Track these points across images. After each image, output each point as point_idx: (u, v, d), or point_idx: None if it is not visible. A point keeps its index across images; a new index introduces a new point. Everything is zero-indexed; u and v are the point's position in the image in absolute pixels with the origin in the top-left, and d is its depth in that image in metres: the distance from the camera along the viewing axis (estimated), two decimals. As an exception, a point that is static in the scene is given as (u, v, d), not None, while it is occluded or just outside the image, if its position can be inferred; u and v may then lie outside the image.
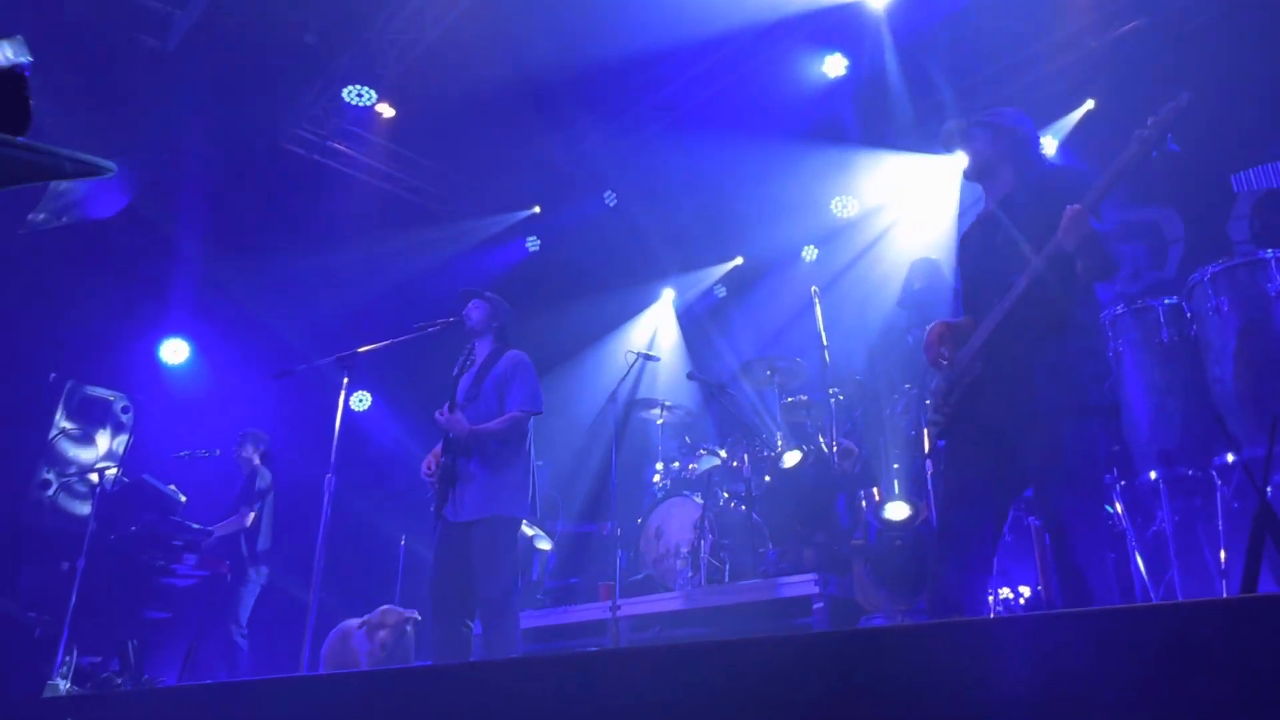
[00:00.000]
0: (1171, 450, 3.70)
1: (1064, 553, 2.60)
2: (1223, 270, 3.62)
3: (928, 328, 3.09)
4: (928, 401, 3.20)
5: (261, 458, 6.70)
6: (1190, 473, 3.65)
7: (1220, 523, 3.45)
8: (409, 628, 4.45)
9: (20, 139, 0.92)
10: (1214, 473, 3.57)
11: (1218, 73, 5.62)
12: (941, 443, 3.06)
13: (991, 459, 2.79)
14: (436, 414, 4.15)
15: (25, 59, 0.92)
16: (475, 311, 4.46)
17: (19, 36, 0.93)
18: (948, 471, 2.94)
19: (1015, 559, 4.37)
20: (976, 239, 3.12)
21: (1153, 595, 3.68)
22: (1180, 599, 3.50)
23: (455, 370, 4.42)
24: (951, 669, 1.21)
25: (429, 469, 4.23)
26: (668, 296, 9.26)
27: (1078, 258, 2.63)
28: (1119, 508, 3.88)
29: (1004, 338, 2.77)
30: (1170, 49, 6.04)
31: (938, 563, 2.79)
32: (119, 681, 5.55)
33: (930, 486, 4.47)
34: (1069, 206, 2.60)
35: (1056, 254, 2.65)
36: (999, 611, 4.10)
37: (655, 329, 9.23)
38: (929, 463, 4.53)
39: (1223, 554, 3.41)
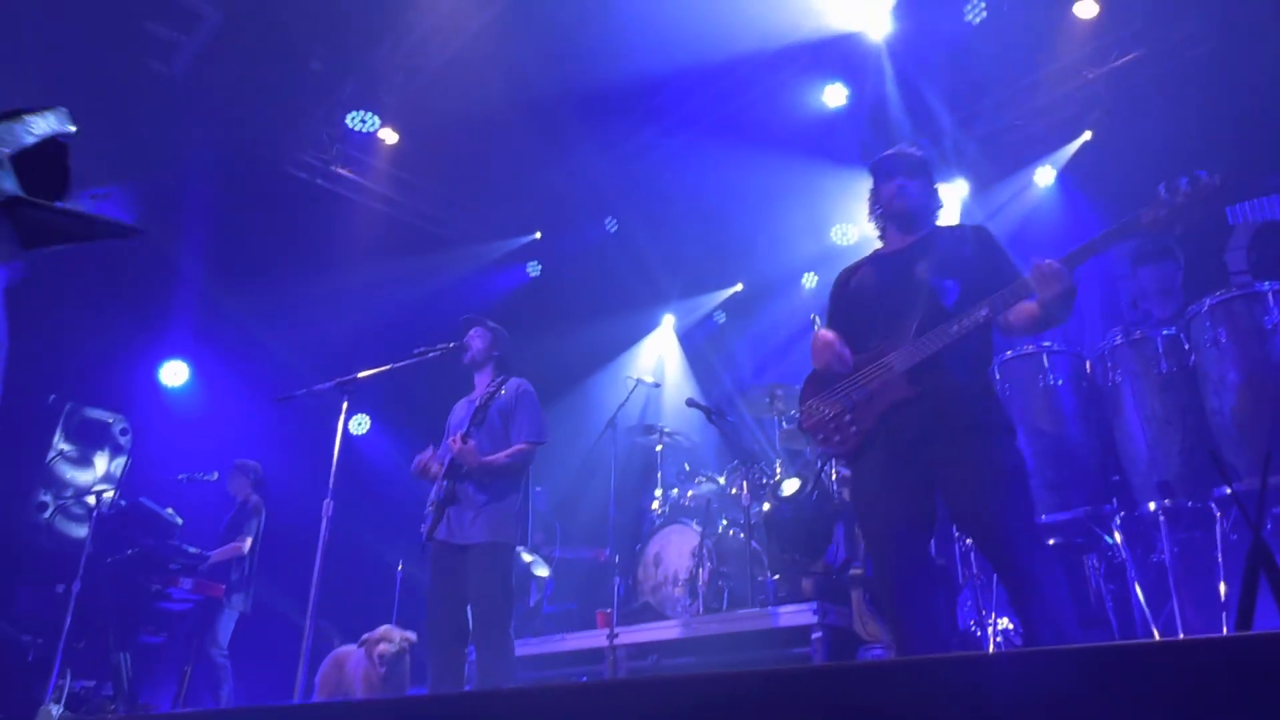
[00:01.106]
0: (1170, 481, 3.69)
1: (1009, 559, 2.62)
2: (1220, 303, 3.64)
3: (825, 335, 3.05)
4: (802, 421, 3.18)
5: (254, 486, 6.68)
6: (1190, 504, 3.64)
7: (1220, 555, 3.43)
8: (408, 650, 4.42)
9: (59, 204, 0.96)
10: (1213, 504, 3.56)
11: (1215, 104, 5.67)
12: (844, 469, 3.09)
13: (910, 476, 2.83)
14: (448, 442, 4.15)
15: (68, 129, 0.97)
16: (477, 340, 4.47)
17: (63, 108, 0.97)
18: (868, 498, 2.94)
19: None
20: (873, 278, 3.17)
21: (1153, 626, 3.66)
22: (1181, 631, 3.48)
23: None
24: (951, 704, 1.21)
25: (423, 470, 4.23)
26: (668, 322, 9.28)
27: (1044, 308, 2.68)
28: (1118, 538, 3.86)
29: (936, 363, 2.81)
30: (1168, 80, 6.10)
31: (893, 591, 2.79)
32: (113, 707, 5.51)
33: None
34: (1047, 262, 2.63)
35: (1018, 297, 2.72)
36: (999, 644, 4.07)
37: (656, 355, 9.24)
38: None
39: (1222, 587, 3.40)
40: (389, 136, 7.52)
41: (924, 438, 2.80)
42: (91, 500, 6.15)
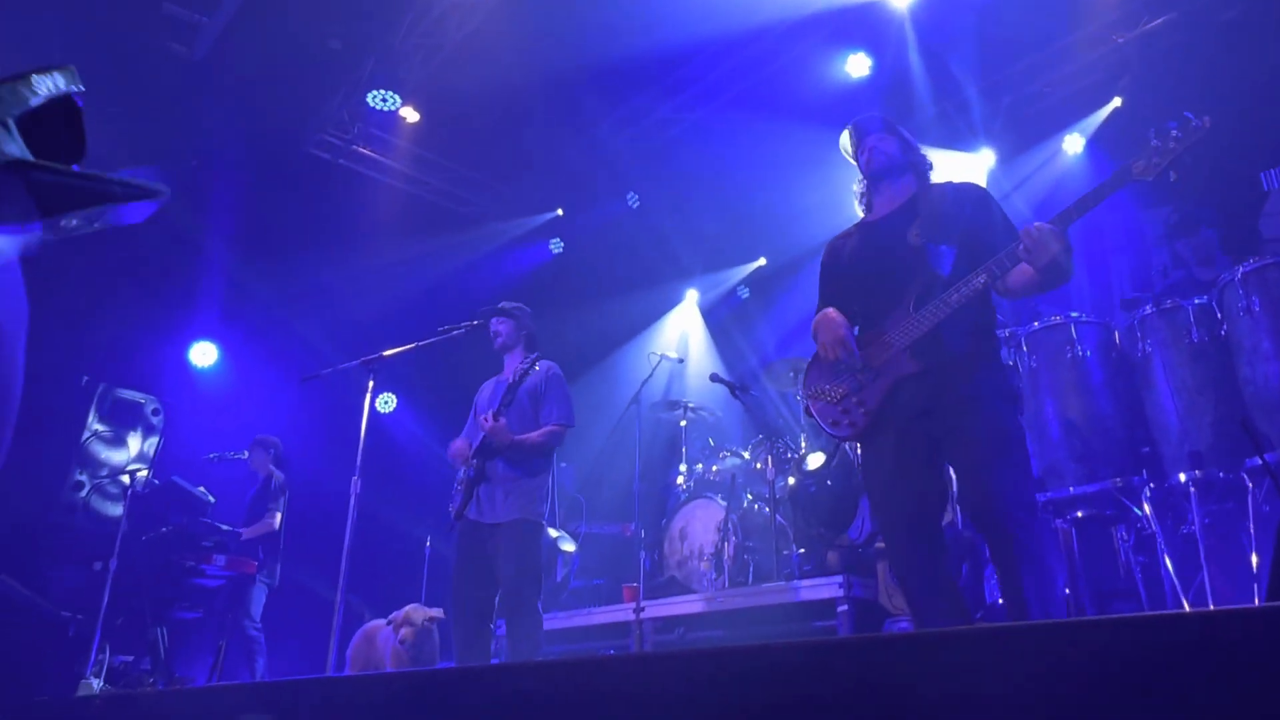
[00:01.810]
0: (1202, 452, 3.64)
1: (996, 518, 2.56)
2: (1254, 270, 3.57)
3: (822, 318, 2.99)
4: (808, 405, 3.08)
5: (275, 462, 6.77)
6: (1221, 475, 3.60)
7: (1251, 526, 3.39)
8: (434, 627, 4.47)
9: (75, 168, 0.94)
10: (1245, 475, 3.51)
11: (1247, 67, 5.54)
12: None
13: (919, 453, 2.78)
14: (481, 419, 4.18)
15: (77, 88, 0.95)
16: (501, 328, 4.49)
17: (70, 67, 0.95)
18: (880, 477, 2.87)
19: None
20: (864, 246, 3.09)
21: (1183, 598, 3.63)
22: (1211, 603, 3.45)
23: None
24: (978, 675, 1.20)
25: (460, 457, 4.27)
26: (691, 298, 9.25)
27: (1041, 273, 2.60)
28: (1148, 510, 3.83)
29: (936, 336, 2.74)
30: (1199, 44, 5.96)
31: (907, 569, 2.76)
32: (151, 680, 5.64)
33: (954, 490, 4.43)
34: (1036, 226, 2.55)
35: (1014, 262, 2.64)
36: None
37: (680, 331, 9.23)
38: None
39: (1254, 558, 3.36)
40: (410, 115, 7.51)
41: (928, 411, 2.74)
42: (126, 479, 6.25)
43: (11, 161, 0.86)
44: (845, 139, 3.24)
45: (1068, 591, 4.06)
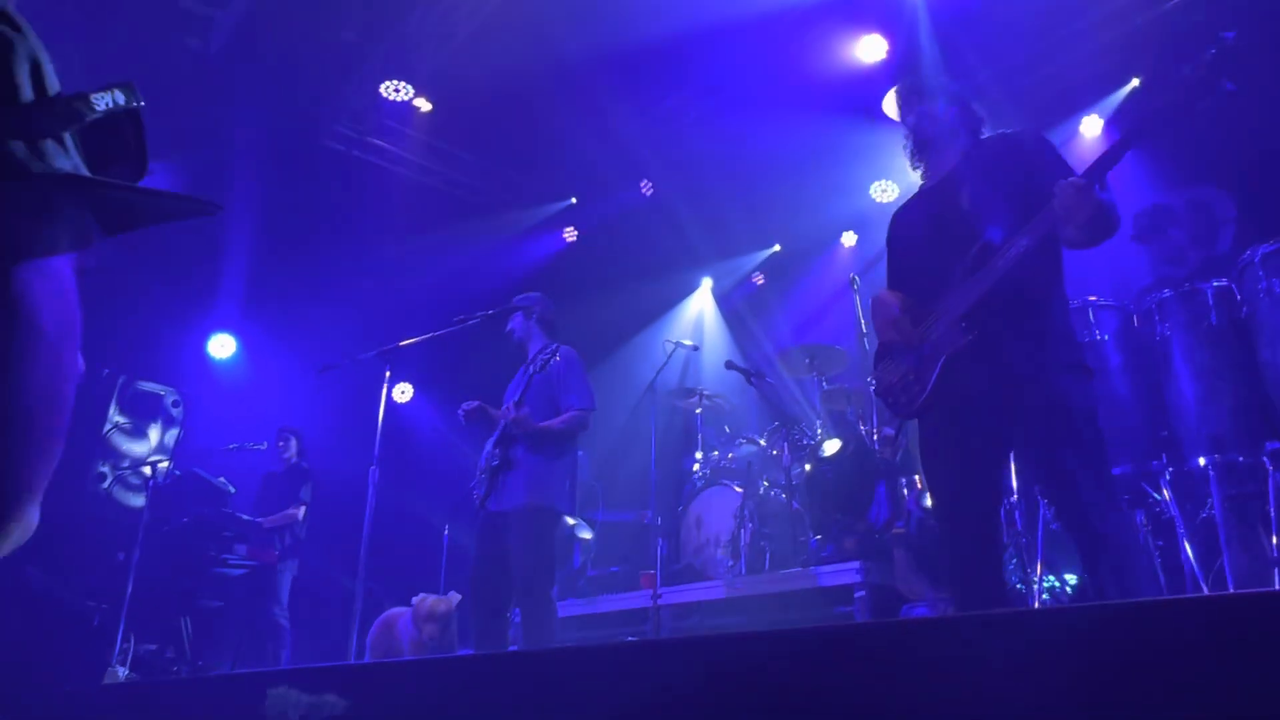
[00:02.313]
0: (1222, 435, 3.62)
1: (1078, 515, 2.43)
2: (1274, 251, 3.53)
3: (875, 301, 2.91)
4: (873, 384, 2.98)
5: (299, 453, 6.83)
6: (1241, 459, 3.57)
7: (1272, 509, 3.37)
8: (454, 618, 4.49)
9: (139, 184, 0.94)
10: (1265, 458, 3.48)
11: (1267, 46, 5.46)
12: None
13: (978, 436, 2.63)
14: (503, 410, 4.20)
15: (138, 103, 0.94)
16: (514, 323, 4.54)
17: (130, 83, 0.94)
18: (937, 455, 2.75)
19: (1060, 547, 4.31)
20: (918, 216, 2.97)
21: (1202, 583, 3.61)
22: (1231, 587, 3.43)
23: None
24: (997, 660, 1.21)
25: (470, 415, 4.29)
26: (706, 285, 9.24)
27: (1082, 229, 2.42)
28: (1167, 494, 3.81)
29: (988, 306, 2.59)
30: (1219, 24, 5.87)
31: (958, 556, 2.64)
32: (175, 668, 5.72)
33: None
34: (1064, 181, 2.40)
35: (1051, 225, 2.47)
36: (1045, 601, 4.05)
37: (695, 318, 9.22)
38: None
39: (1276, 540, 3.34)
40: (423, 105, 7.52)
41: (989, 390, 2.58)
42: (147, 470, 6.32)
43: (66, 176, 0.85)
44: (891, 100, 3.09)
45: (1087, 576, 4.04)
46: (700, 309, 9.28)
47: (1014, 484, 4.28)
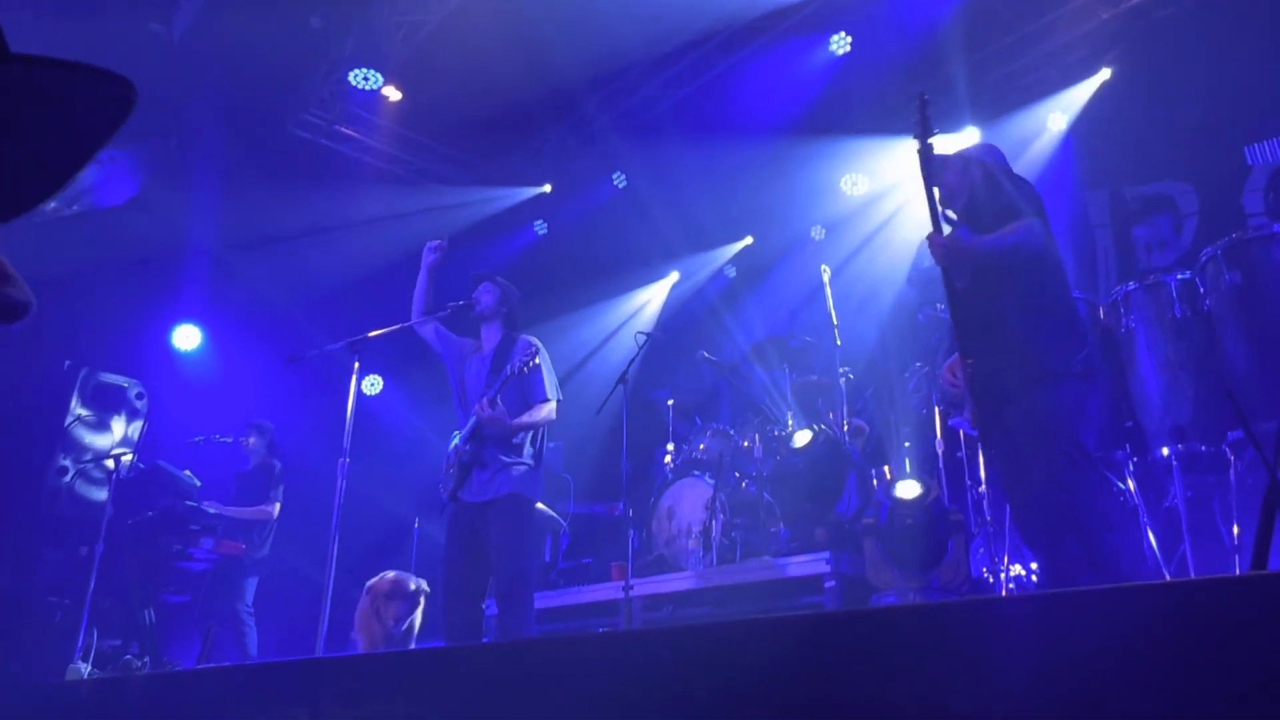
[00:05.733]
0: (1184, 426, 3.68)
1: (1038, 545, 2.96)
2: (1235, 244, 3.59)
3: (946, 367, 3.36)
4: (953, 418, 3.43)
5: (269, 447, 6.74)
6: (1203, 448, 3.64)
7: (1233, 498, 3.44)
8: (424, 597, 4.35)
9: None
10: (1227, 448, 3.55)
11: (1233, 44, 5.54)
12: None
13: (1000, 437, 3.08)
14: (477, 408, 4.12)
15: None
16: (486, 296, 4.45)
17: None
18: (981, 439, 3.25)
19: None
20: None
21: (1165, 571, 3.68)
22: (1193, 575, 3.50)
23: (456, 353, 4.44)
24: (964, 647, 1.22)
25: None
26: (677, 277, 9.24)
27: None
28: (1131, 485, 3.87)
29: (986, 315, 3.05)
30: (1185, 20, 5.95)
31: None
32: (139, 664, 5.63)
33: (941, 465, 4.47)
34: (928, 239, 3.17)
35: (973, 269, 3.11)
36: (1011, 589, 4.10)
37: (666, 310, 9.22)
38: (940, 441, 4.53)
39: (1236, 529, 3.40)
40: (392, 94, 7.43)
41: (1002, 398, 2.99)
42: (110, 464, 6.21)
43: None
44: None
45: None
46: (672, 300, 9.28)
47: (982, 474, 4.33)
